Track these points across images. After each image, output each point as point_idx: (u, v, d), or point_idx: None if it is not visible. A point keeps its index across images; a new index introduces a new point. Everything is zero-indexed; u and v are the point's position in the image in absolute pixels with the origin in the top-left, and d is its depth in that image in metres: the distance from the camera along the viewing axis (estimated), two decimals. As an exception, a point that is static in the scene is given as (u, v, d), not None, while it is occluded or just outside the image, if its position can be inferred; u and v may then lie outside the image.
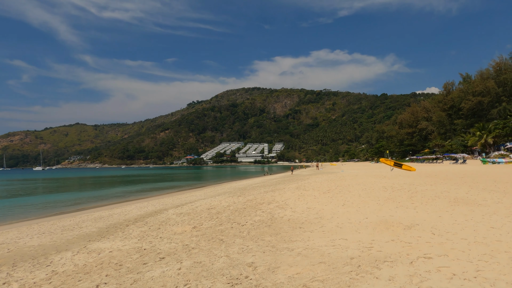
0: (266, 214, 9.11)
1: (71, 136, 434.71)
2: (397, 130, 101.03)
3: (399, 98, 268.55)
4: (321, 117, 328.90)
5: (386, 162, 27.08)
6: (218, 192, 22.00)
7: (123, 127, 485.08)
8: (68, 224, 11.76)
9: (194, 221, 9.19)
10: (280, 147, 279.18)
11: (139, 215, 12.47)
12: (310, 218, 8.01)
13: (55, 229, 10.69)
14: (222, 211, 10.70)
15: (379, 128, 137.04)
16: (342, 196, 11.48)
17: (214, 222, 8.73)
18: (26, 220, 16.05)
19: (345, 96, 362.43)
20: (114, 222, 10.97)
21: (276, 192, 14.73)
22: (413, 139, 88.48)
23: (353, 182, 17.26)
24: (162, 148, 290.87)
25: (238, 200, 13.40)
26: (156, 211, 13.13)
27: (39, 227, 11.76)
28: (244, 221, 8.49)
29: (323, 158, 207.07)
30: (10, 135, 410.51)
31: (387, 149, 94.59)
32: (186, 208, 12.77)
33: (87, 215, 14.66)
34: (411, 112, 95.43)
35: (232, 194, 17.40)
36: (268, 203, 11.23)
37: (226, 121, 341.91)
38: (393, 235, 5.88)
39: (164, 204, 16.42)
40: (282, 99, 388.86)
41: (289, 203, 10.86)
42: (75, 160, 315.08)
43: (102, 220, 12.00)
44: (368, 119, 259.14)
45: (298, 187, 16.55)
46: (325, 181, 20.12)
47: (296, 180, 24.45)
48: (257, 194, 15.42)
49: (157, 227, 8.93)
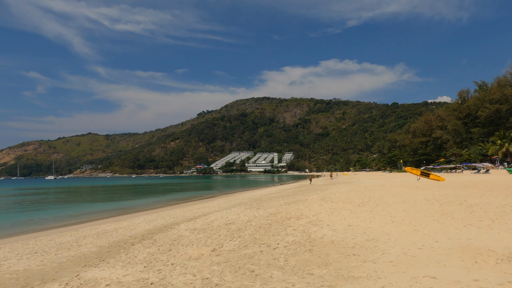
0: (299, 233, 7.48)
1: (83, 145, 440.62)
2: (410, 139, 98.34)
3: (411, 107, 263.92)
4: (331, 127, 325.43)
5: (412, 171, 25.13)
6: (232, 203, 20.41)
7: (134, 136, 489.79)
8: (67, 240, 10.32)
9: (212, 241, 7.61)
10: (290, 157, 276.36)
11: (147, 230, 10.97)
12: (360, 241, 6.35)
13: (50, 247, 9.25)
14: (244, 227, 9.11)
15: (391, 137, 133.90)
16: (383, 211, 9.76)
17: (236, 243, 7.14)
18: (26, 234, 14.73)
19: (355, 105, 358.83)
20: (118, 239, 9.48)
21: (300, 204, 13.07)
22: (427, 148, 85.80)
23: (385, 193, 15.46)
24: (172, 158, 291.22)
25: (259, 214, 11.78)
26: (166, 226, 11.61)
27: (35, 243, 10.36)
28: (274, 242, 6.88)
29: (333, 167, 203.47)
30: (25, 144, 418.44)
31: (400, 159, 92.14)
32: (200, 223, 11.22)
33: (90, 228, 13.24)
34: (425, 121, 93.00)
35: (249, 206, 15.81)
36: (296, 218, 9.59)
37: (236, 131, 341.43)
38: (499, 271, 4.19)
39: (175, 216, 14.91)
40: (292, 108, 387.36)
41: (322, 218, 9.20)
42: (87, 169, 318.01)
43: (105, 236, 10.53)
44: (379, 128, 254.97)
45: (323, 199, 14.85)
46: (350, 191, 18.33)
47: (316, 191, 22.69)
48: (278, 206, 13.78)
49: (167, 248, 7.38)
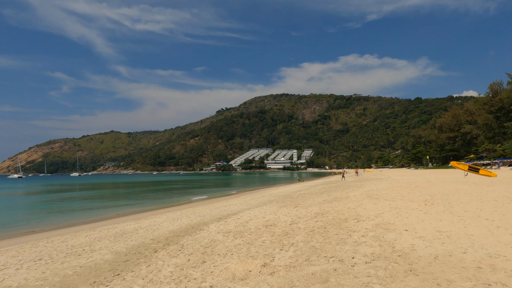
0: (374, 241, 5.59)
1: (106, 143, 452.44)
2: (436, 135, 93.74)
3: (435, 102, 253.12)
4: (352, 123, 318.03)
5: (458, 166, 22.52)
6: (260, 200, 18.65)
7: (154, 134, 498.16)
8: (80, 243, 8.87)
9: (257, 250, 5.84)
10: (310, 154, 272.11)
11: (171, 231, 9.37)
12: (480, 257, 4.39)
13: (60, 251, 7.79)
14: (291, 231, 7.29)
15: (415, 133, 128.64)
16: (467, 211, 7.68)
17: (292, 254, 5.34)
18: (41, 233, 13.57)
19: (376, 101, 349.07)
20: (138, 243, 7.90)
21: (347, 203, 11.11)
22: (455, 144, 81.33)
23: (443, 189, 13.22)
24: (192, 155, 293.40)
25: (301, 213, 9.93)
26: (193, 226, 9.98)
27: (45, 246, 8.98)
28: (345, 254, 5.03)
29: (354, 164, 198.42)
30: (51, 142, 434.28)
31: (425, 155, 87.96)
32: (232, 223, 9.51)
33: (108, 228, 11.83)
34: (453, 115, 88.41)
35: (282, 204, 14.00)
36: (355, 220, 7.67)
37: (255, 128, 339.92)
38: None
39: (201, 215, 13.31)
40: (311, 105, 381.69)
41: (390, 220, 7.25)
42: (110, 166, 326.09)
43: (123, 238, 9.00)
44: (401, 124, 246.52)
45: (369, 196, 12.81)
46: (394, 187, 16.14)
47: (352, 187, 20.57)
48: (318, 204, 11.88)
49: (200, 259, 5.68)
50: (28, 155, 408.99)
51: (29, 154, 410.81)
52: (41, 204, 27.29)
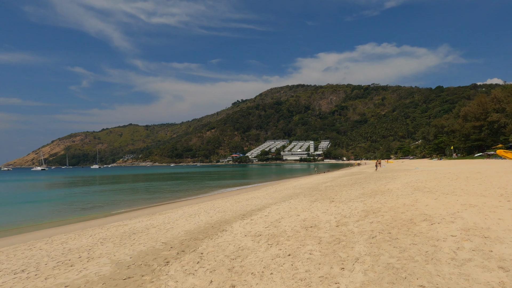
0: (483, 259, 3.77)
1: (125, 136, 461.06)
2: (461, 124, 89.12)
3: (457, 90, 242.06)
4: (370, 113, 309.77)
5: (506, 155, 20.04)
6: (284, 193, 16.93)
7: (172, 127, 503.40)
8: (79, 246, 7.44)
9: (306, 267, 4.13)
10: (327, 145, 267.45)
11: (187, 232, 7.80)
12: None
13: (50, 259, 6.34)
14: (341, 235, 5.53)
15: (437, 122, 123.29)
16: None
17: (365, 279, 3.59)
18: (45, 229, 12.38)
19: (395, 90, 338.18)
20: (146, 248, 6.36)
21: (397, 198, 9.22)
22: (481, 134, 76.87)
23: (506, 181, 11.08)
24: (209, 147, 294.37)
25: (343, 210, 8.13)
26: (212, 225, 8.39)
27: (40, 249, 7.61)
28: (448, 280, 3.25)
29: (373, 155, 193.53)
30: (72, 136, 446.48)
31: (449, 145, 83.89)
32: (261, 222, 7.83)
33: (117, 226, 10.43)
34: (478, 104, 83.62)
35: (311, 197, 12.25)
36: (424, 220, 5.82)
37: (271, 119, 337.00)
38: None
39: (221, 210, 11.73)
40: (328, 95, 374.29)
41: (483, 224, 5.36)
42: (129, 158, 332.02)
43: (131, 239, 7.51)
44: (422, 113, 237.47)
45: (417, 189, 10.84)
46: (438, 179, 14.03)
47: (385, 178, 18.53)
48: (358, 199, 10.05)
49: (226, 279, 4.02)
50: (51, 148, 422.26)
51: (51, 147, 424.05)
52: (59, 197, 26.64)
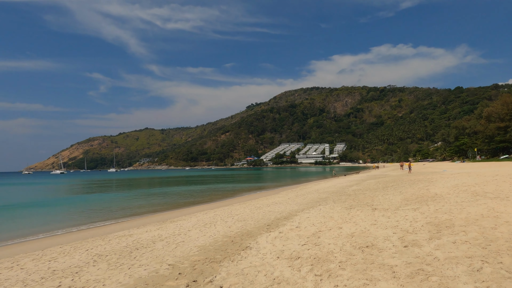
0: None
1: (141, 140, 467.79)
2: (484, 125, 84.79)
3: (478, 91, 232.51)
4: (386, 115, 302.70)
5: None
6: (308, 197, 15.17)
7: (187, 130, 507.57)
8: (68, 265, 5.99)
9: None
10: (342, 148, 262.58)
11: (201, 248, 6.24)
12: None
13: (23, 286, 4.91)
14: (420, 262, 3.82)
15: (457, 124, 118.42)
16: None
17: None
18: (44, 238, 11.12)
19: (412, 91, 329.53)
20: (148, 273, 4.83)
21: (460, 206, 7.39)
22: (506, 135, 72.74)
23: None
24: (223, 150, 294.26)
25: (399, 223, 6.38)
26: (232, 239, 6.79)
27: (22, 267, 6.22)
28: None
29: (390, 158, 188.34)
30: (91, 140, 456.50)
31: (471, 147, 79.74)
32: (293, 237, 6.19)
33: (121, 236, 8.99)
34: (503, 104, 79.34)
35: (342, 203, 10.51)
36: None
37: (285, 122, 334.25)
38: None
39: (240, 218, 10.13)
40: (343, 97, 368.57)
41: None
42: (145, 162, 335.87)
43: (130, 258, 6.00)
44: (440, 115, 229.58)
45: (475, 193, 8.95)
46: (487, 182, 12.00)
47: (418, 181, 16.53)
48: (408, 206, 8.26)
49: None
50: (70, 152, 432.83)
51: (71, 151, 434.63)
52: (71, 202, 25.76)
